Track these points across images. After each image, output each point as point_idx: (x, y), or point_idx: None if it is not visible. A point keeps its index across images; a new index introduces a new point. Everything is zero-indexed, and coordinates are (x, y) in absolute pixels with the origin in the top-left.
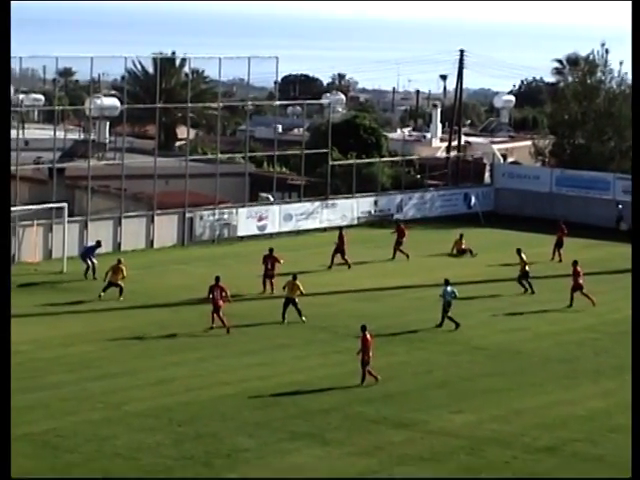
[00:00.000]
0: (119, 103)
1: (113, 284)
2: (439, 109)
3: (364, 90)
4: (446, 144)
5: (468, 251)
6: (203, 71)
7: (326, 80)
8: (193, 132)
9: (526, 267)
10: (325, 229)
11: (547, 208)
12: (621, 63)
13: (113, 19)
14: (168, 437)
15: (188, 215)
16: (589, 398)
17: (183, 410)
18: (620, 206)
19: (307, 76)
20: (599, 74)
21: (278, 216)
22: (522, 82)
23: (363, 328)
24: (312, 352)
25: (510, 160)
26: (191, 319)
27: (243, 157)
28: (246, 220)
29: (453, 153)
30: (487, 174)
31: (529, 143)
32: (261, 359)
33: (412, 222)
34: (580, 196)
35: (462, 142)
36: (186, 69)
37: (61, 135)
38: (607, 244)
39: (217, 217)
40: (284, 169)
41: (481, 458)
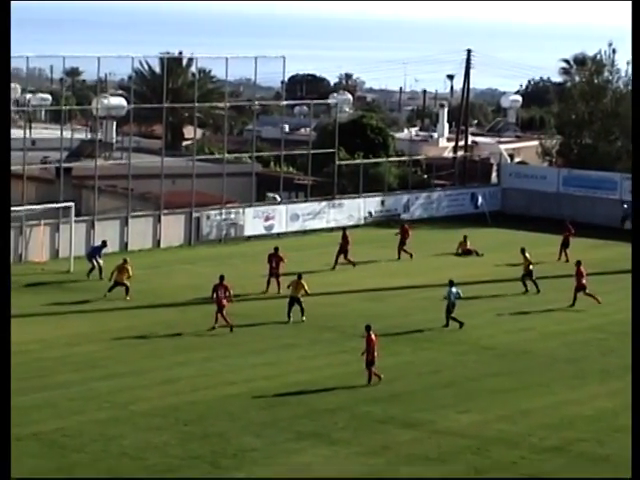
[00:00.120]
0: (126, 103)
1: (119, 283)
2: (446, 109)
3: (371, 90)
4: (453, 144)
5: (474, 252)
6: (210, 71)
7: (333, 80)
8: (200, 132)
9: (530, 266)
10: (332, 229)
11: (554, 208)
12: (628, 63)
13: (120, 19)
14: (175, 437)
15: (195, 215)
16: (596, 398)
17: (190, 410)
18: (625, 205)
19: (314, 76)
20: (606, 74)
21: (285, 216)
22: (529, 82)
23: (367, 328)
24: (318, 352)
25: (517, 160)
26: (197, 319)
27: (250, 157)
28: (253, 220)
29: (460, 153)
30: (494, 174)
31: (536, 143)
32: (267, 359)
33: (419, 222)
34: (587, 196)
35: (469, 142)
36: (193, 69)
37: (68, 135)
38: (614, 244)
39: (224, 217)
40: (291, 169)
41: (488, 458)
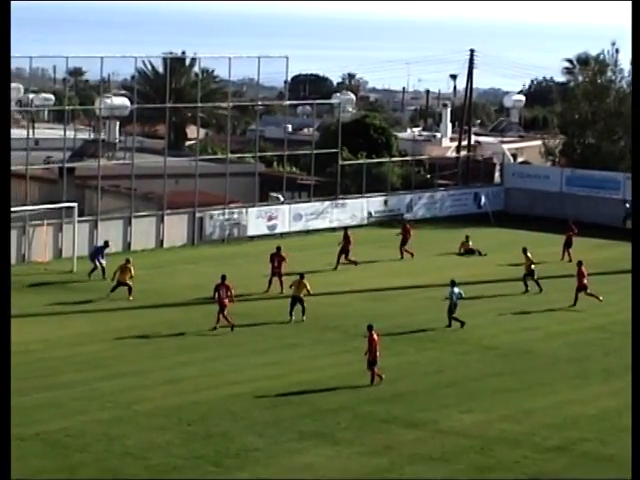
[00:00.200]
0: (129, 103)
1: (121, 283)
2: (449, 109)
3: (374, 90)
4: (456, 144)
5: (477, 251)
6: (213, 71)
7: (336, 80)
8: (203, 132)
9: (532, 266)
10: (335, 229)
11: (557, 208)
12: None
13: (123, 19)
14: (178, 436)
15: (198, 215)
16: (599, 398)
17: (193, 409)
18: (627, 204)
19: (317, 76)
20: (609, 73)
21: (288, 216)
22: (532, 82)
23: (369, 327)
24: (321, 352)
25: (520, 160)
26: (200, 319)
27: (253, 157)
28: (256, 220)
29: (463, 153)
30: (497, 174)
31: (539, 143)
32: (270, 359)
33: (422, 222)
34: (590, 196)
35: (472, 142)
36: (196, 69)
37: (71, 135)
38: (617, 244)
39: (227, 217)
40: (294, 169)
41: (491, 457)
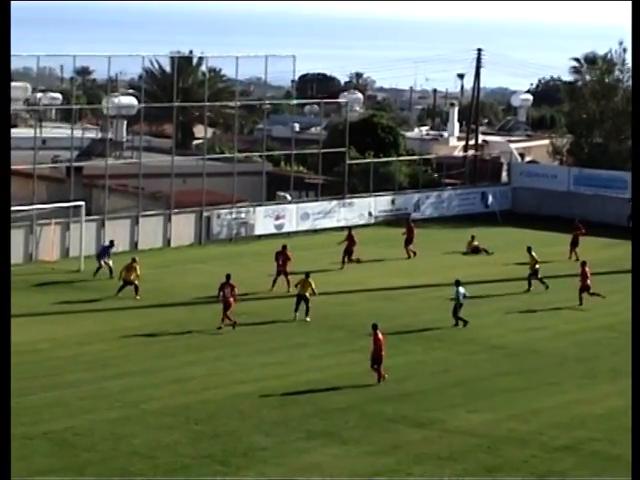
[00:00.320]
0: (136, 102)
1: (127, 283)
2: (456, 108)
3: (381, 89)
4: (463, 143)
5: (483, 250)
6: (220, 70)
7: (343, 79)
8: (210, 131)
9: (536, 265)
10: (342, 228)
11: (565, 207)
12: None
13: (130, 18)
14: (185, 435)
15: (205, 214)
16: (607, 397)
17: (200, 409)
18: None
19: (324, 75)
20: (617, 73)
21: (295, 215)
22: (540, 81)
23: (374, 327)
24: (329, 351)
25: (527, 159)
26: (208, 318)
27: (260, 156)
28: (263, 219)
29: (470, 152)
30: (504, 173)
31: (547, 142)
32: (277, 358)
33: (429, 221)
34: (598, 195)
35: (479, 141)
36: (203, 68)
37: (79, 134)
38: (625, 243)
39: (234, 216)
40: (301, 168)
41: (499, 457)
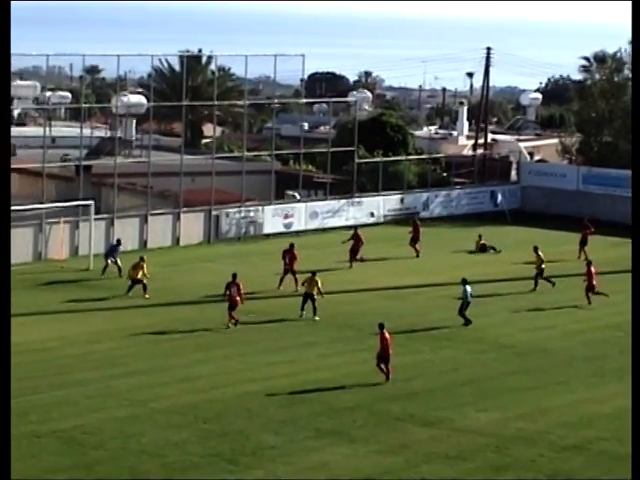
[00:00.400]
0: (145, 101)
1: (135, 281)
2: (465, 107)
3: (390, 88)
4: (472, 142)
5: (490, 248)
6: (229, 69)
7: (352, 78)
8: (219, 130)
9: (542, 265)
10: (351, 227)
11: (574, 206)
12: None
13: (139, 18)
14: (194, 434)
15: (214, 213)
16: (615, 396)
17: (209, 407)
18: None
19: (333, 74)
20: (626, 72)
21: (304, 214)
22: (549, 80)
23: (381, 326)
24: (337, 350)
25: (537, 158)
26: (217, 317)
27: (269, 155)
28: (272, 218)
29: (479, 151)
30: (513, 172)
31: (556, 141)
32: (286, 356)
33: (438, 220)
34: (607, 194)
35: (488, 140)
36: (212, 67)
37: (88, 133)
38: None
39: (243, 215)
40: (310, 167)
41: (507, 456)
